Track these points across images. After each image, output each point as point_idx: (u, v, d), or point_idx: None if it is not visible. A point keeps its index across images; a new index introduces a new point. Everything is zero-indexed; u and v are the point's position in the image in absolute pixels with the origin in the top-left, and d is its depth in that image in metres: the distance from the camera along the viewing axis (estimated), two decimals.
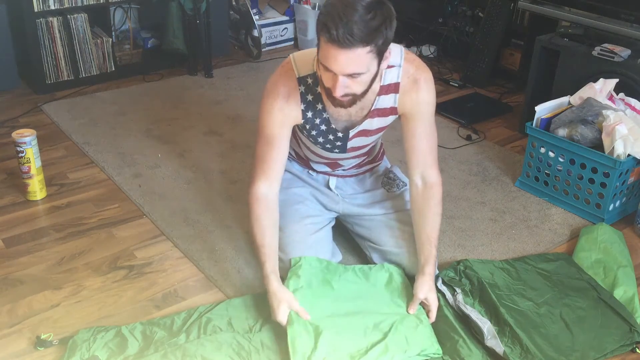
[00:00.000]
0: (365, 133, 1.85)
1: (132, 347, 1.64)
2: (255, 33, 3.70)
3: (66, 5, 3.10)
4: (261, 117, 1.79)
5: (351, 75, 1.54)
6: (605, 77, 2.44)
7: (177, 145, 2.74)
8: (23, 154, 2.25)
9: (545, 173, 2.42)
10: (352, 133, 1.83)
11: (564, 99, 2.47)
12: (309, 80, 1.72)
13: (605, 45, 2.57)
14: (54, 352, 1.66)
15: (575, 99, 2.43)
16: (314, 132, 1.82)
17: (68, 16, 3.11)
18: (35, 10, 3.01)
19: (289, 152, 2.03)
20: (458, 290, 1.85)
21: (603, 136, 2.24)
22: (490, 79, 3.54)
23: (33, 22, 3.02)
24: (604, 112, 2.27)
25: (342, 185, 2.06)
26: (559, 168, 2.38)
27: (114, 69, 3.35)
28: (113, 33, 3.40)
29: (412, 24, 3.95)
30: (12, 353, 1.66)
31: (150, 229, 2.18)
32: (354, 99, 1.61)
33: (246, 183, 2.45)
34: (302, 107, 1.75)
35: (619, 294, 1.90)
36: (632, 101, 2.38)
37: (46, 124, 2.88)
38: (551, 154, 2.39)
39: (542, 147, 2.41)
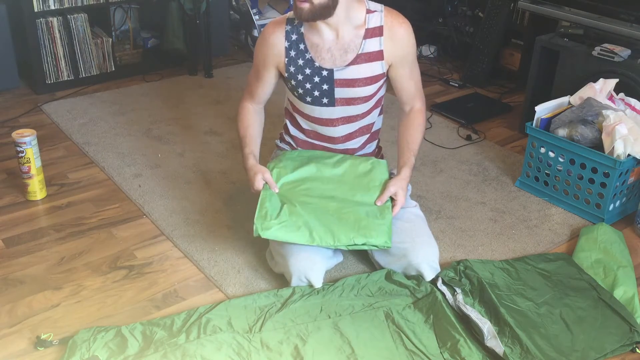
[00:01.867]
0: (352, 83, 1.94)
1: (132, 347, 1.64)
2: (255, 33, 3.70)
3: (66, 5, 3.10)
4: (255, 51, 2.01)
5: None
6: (605, 77, 2.44)
7: (177, 145, 2.74)
8: (23, 154, 2.25)
9: (545, 173, 2.42)
10: (337, 75, 1.92)
11: (564, 99, 2.48)
12: (295, 21, 1.90)
13: (605, 45, 2.57)
14: (54, 352, 1.66)
15: (575, 99, 2.44)
16: (299, 77, 1.92)
17: (68, 16, 3.11)
18: (35, 10, 3.01)
19: (290, 145, 2.10)
20: (458, 290, 1.86)
21: (603, 136, 2.24)
22: (490, 79, 3.54)
23: (33, 22, 3.02)
24: (604, 112, 2.27)
25: None
26: (559, 168, 2.38)
27: (114, 69, 3.35)
28: (113, 33, 3.40)
29: (412, 24, 3.94)
30: (12, 353, 1.66)
31: (150, 229, 2.19)
32: (312, 8, 1.78)
33: (246, 183, 2.46)
34: (286, 44, 1.92)
35: (618, 294, 1.90)
36: (632, 101, 2.38)
37: (46, 124, 2.88)
38: (551, 154, 2.39)
39: (542, 147, 2.41)
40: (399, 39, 1.92)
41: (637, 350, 1.73)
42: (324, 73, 1.92)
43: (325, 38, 1.89)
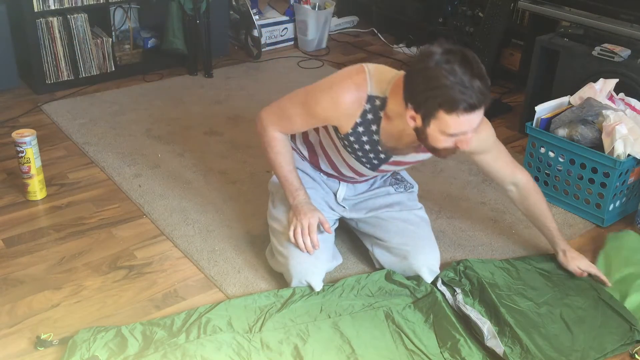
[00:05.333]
0: (402, 163, 1.87)
1: (132, 347, 1.64)
2: (255, 33, 3.70)
3: (66, 5, 3.09)
4: (314, 99, 1.74)
5: None
6: (605, 77, 2.44)
7: (177, 145, 2.74)
8: (23, 154, 2.25)
9: (545, 173, 2.42)
10: (392, 159, 1.83)
11: (564, 99, 2.47)
12: (377, 102, 1.69)
13: (605, 45, 2.57)
14: (54, 352, 1.66)
15: (575, 99, 2.43)
16: (355, 145, 1.80)
17: (68, 16, 3.11)
18: (35, 10, 3.00)
19: (301, 153, 2.02)
20: (458, 290, 1.86)
21: (603, 136, 2.24)
22: (490, 79, 3.51)
23: (33, 22, 3.02)
24: (604, 112, 2.27)
25: (350, 193, 2.04)
26: (559, 168, 2.38)
27: (114, 69, 3.35)
28: (113, 33, 3.40)
29: (412, 24, 3.95)
30: (12, 353, 1.66)
31: (150, 229, 2.18)
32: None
33: (246, 183, 2.46)
34: (357, 120, 1.72)
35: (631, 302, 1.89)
36: (632, 101, 2.37)
37: (46, 124, 2.88)
38: (551, 154, 2.39)
39: (542, 147, 2.41)
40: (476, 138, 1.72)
41: (637, 357, 1.73)
42: (382, 156, 1.81)
43: (402, 130, 1.71)
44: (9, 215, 2.23)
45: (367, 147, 1.79)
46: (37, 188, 2.30)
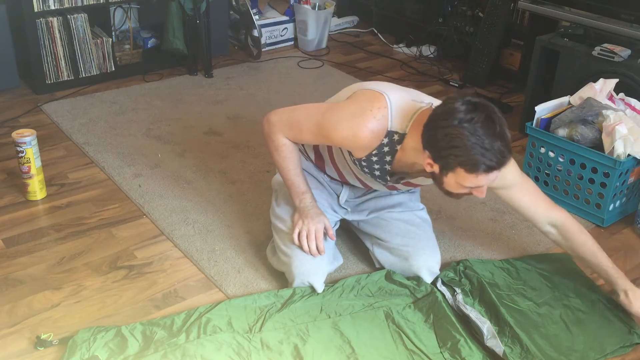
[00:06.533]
0: (410, 184, 1.87)
1: (132, 347, 1.64)
2: (255, 33, 3.70)
3: (66, 5, 3.09)
4: (330, 122, 1.71)
5: None
6: (605, 77, 2.44)
7: (177, 145, 2.74)
8: (23, 154, 2.25)
9: (545, 173, 2.42)
10: (400, 182, 1.84)
11: (564, 99, 2.47)
12: (395, 137, 1.68)
13: (605, 45, 2.57)
14: (54, 352, 1.66)
15: (575, 99, 2.43)
16: (365, 169, 1.79)
17: (68, 16, 3.10)
18: (35, 10, 3.00)
19: (306, 153, 2.01)
20: (458, 290, 1.86)
21: (603, 136, 2.24)
22: (490, 79, 3.54)
23: (33, 22, 3.02)
24: (604, 112, 2.27)
25: (352, 195, 2.04)
26: (559, 168, 2.38)
27: (114, 69, 3.35)
28: (113, 33, 3.40)
29: (412, 24, 3.95)
30: (12, 353, 1.66)
31: (150, 229, 2.18)
32: None
33: (246, 183, 2.46)
34: (373, 152, 1.71)
35: None
36: (632, 101, 2.37)
37: (46, 124, 2.88)
38: (551, 154, 2.39)
39: (542, 147, 2.41)
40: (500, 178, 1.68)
41: None
42: (388, 178, 1.79)
43: (414, 162, 1.70)
44: (9, 215, 2.23)
45: (377, 172, 1.78)
46: (37, 188, 2.30)
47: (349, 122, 1.68)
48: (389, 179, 1.79)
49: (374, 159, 1.74)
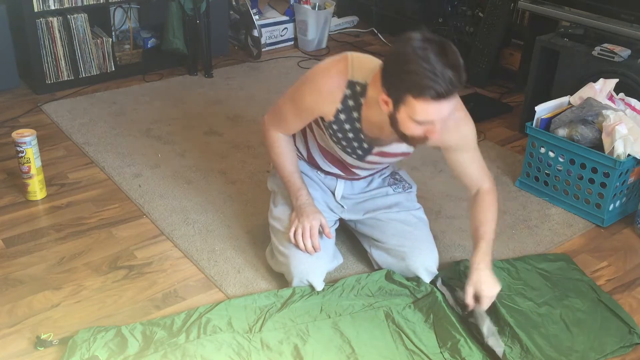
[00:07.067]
0: (387, 154, 1.86)
1: (132, 347, 1.64)
2: (255, 33, 3.70)
3: (66, 5, 3.09)
4: (300, 91, 1.79)
5: None
6: (605, 77, 2.44)
7: (177, 145, 2.74)
8: (23, 154, 2.25)
9: (545, 173, 2.42)
10: (376, 150, 1.83)
11: (564, 99, 2.47)
12: (358, 88, 1.70)
13: (605, 45, 2.57)
14: (54, 352, 1.66)
15: (575, 99, 2.43)
16: (339, 135, 1.81)
17: (68, 16, 3.11)
18: (35, 10, 3.00)
19: (299, 152, 2.03)
20: (458, 290, 1.85)
21: (603, 136, 2.24)
22: (490, 79, 3.54)
23: (33, 22, 3.02)
24: (604, 112, 2.27)
25: (348, 191, 2.04)
26: (559, 168, 2.38)
27: (114, 69, 3.35)
28: (113, 33, 3.40)
29: (412, 24, 3.95)
30: (12, 353, 1.66)
31: (150, 229, 2.18)
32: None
33: (246, 183, 2.46)
34: (339, 107, 1.73)
35: None
36: (632, 101, 2.37)
37: (46, 124, 2.88)
38: (551, 154, 2.39)
39: (542, 147, 2.41)
40: (449, 129, 1.72)
41: None
42: (365, 145, 1.81)
43: (383, 120, 1.68)
44: (9, 215, 2.23)
45: (350, 135, 1.79)
46: (37, 188, 2.30)
47: (312, 80, 1.76)
48: (365, 146, 1.80)
49: (342, 116, 1.75)
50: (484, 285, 1.74)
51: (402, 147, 1.83)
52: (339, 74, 1.71)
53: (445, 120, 1.58)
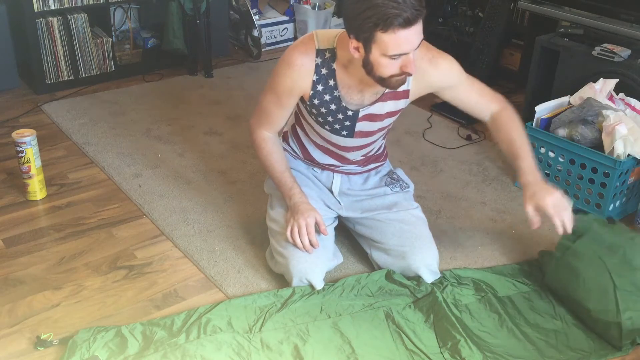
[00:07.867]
0: (374, 117, 1.87)
1: (132, 347, 1.64)
2: (255, 33, 3.70)
3: (66, 5, 3.10)
4: (275, 76, 1.84)
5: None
6: (605, 77, 2.44)
7: (177, 145, 2.74)
8: (23, 154, 2.25)
9: (545, 173, 2.42)
10: (362, 113, 1.84)
11: (564, 99, 2.48)
12: (327, 55, 1.77)
13: (605, 45, 2.57)
14: (54, 352, 1.66)
15: (575, 99, 2.44)
16: (323, 110, 1.83)
17: (68, 16, 3.11)
18: (35, 10, 3.01)
19: (294, 151, 2.04)
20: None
21: (603, 136, 2.24)
22: (490, 79, 3.52)
23: (33, 22, 3.02)
24: (604, 112, 2.27)
25: (345, 188, 2.05)
26: (559, 168, 2.38)
27: (114, 69, 3.35)
28: (113, 33, 3.40)
29: None
30: (12, 353, 1.66)
31: (150, 229, 2.18)
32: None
33: (246, 183, 2.46)
34: (314, 78, 1.78)
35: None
36: (632, 101, 2.37)
37: (46, 124, 2.88)
38: (551, 154, 2.39)
39: (542, 147, 2.41)
40: (437, 74, 1.82)
41: None
42: (350, 113, 1.83)
43: (360, 80, 1.76)
44: (9, 215, 2.23)
45: (332, 106, 1.82)
46: (37, 188, 2.30)
47: (282, 61, 1.81)
48: (350, 113, 1.82)
49: (320, 87, 1.79)
50: (538, 195, 1.78)
51: (388, 106, 1.85)
52: (306, 46, 1.78)
53: (416, 47, 1.61)
